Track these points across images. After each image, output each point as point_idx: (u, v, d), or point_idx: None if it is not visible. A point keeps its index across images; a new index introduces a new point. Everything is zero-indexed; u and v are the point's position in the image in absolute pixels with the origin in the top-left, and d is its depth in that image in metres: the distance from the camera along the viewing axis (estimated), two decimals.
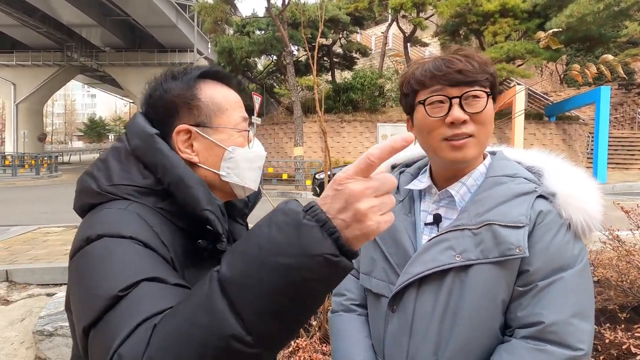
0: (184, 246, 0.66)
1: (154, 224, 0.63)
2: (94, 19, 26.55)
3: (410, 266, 0.80)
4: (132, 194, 0.66)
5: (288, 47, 15.44)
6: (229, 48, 17.39)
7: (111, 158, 0.70)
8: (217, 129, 0.73)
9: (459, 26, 17.21)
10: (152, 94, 0.75)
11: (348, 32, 20.92)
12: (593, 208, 0.76)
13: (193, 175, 0.67)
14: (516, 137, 13.04)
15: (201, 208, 0.65)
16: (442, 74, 0.77)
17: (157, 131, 0.71)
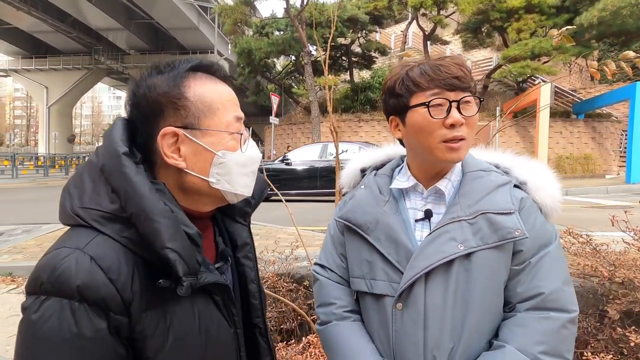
0: (146, 283, 0.61)
1: (110, 267, 0.58)
2: (120, 22, 27.45)
3: (416, 261, 0.82)
4: (99, 220, 0.61)
5: (306, 48, 15.51)
6: (248, 49, 17.60)
7: (86, 175, 0.65)
8: (207, 131, 0.66)
9: (481, 23, 16.83)
10: (135, 92, 0.67)
11: (367, 32, 20.82)
12: (557, 193, 0.88)
13: (157, 206, 0.60)
14: (540, 135, 12.65)
15: (161, 245, 0.58)
16: (442, 79, 0.81)
17: (125, 150, 0.63)
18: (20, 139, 56.71)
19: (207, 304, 0.67)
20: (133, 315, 0.59)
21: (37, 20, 26.26)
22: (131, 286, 0.59)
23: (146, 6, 26.11)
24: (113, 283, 0.58)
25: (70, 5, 25.23)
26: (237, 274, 0.80)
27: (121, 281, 0.59)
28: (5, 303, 3.42)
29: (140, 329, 0.60)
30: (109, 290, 0.57)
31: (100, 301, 0.57)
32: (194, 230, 0.63)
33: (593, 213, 6.24)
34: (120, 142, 0.64)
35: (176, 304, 0.63)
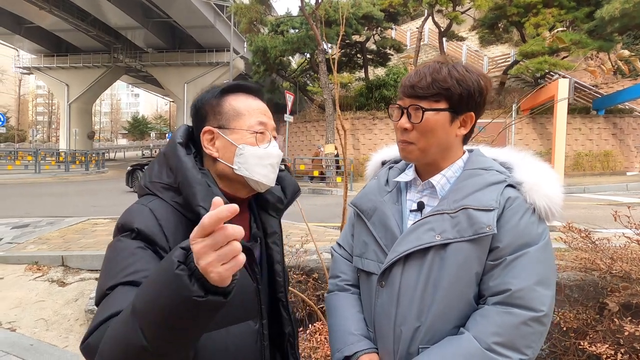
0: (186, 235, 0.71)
1: (162, 217, 0.80)
2: (138, 21, 27.91)
3: (398, 245, 0.92)
4: (160, 190, 0.84)
5: (320, 46, 15.54)
6: (264, 47, 17.70)
7: (156, 160, 0.90)
8: (234, 130, 0.87)
9: (497, 19, 16.51)
10: (194, 104, 0.93)
11: (382, 29, 20.67)
12: (554, 195, 0.89)
13: (196, 177, 0.81)
14: (558, 131, 12.37)
15: (196, 204, 0.78)
16: (403, 85, 0.93)
17: (180, 140, 0.87)
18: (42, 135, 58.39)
19: None
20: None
21: (58, 19, 26.95)
22: (174, 235, 0.79)
23: (164, 5, 26.48)
24: (162, 227, 0.79)
25: (90, 4, 25.79)
26: (266, 255, 0.97)
27: (169, 229, 0.79)
28: (32, 289, 3.62)
29: None
30: (158, 231, 0.78)
31: (150, 236, 0.77)
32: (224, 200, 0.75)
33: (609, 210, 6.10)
34: (178, 136, 0.89)
35: None
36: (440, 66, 0.91)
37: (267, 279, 0.96)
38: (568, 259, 2.27)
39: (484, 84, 0.93)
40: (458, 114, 0.92)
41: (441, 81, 0.89)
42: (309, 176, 14.48)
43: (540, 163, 0.95)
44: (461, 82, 0.90)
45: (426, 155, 0.94)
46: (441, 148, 0.94)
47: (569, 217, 2.35)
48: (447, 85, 0.89)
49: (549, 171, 0.93)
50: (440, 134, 0.91)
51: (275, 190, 0.99)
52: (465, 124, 0.94)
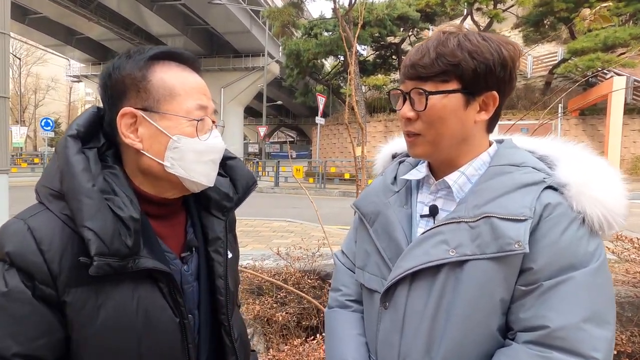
0: (76, 259, 0.62)
1: (44, 240, 0.62)
2: (178, 29, 29.18)
3: (402, 260, 0.75)
4: (47, 197, 0.66)
5: (354, 47, 15.35)
6: (297, 50, 17.80)
7: (52, 158, 0.70)
8: (165, 115, 0.67)
9: (543, 15, 15.71)
10: (104, 73, 0.70)
11: (418, 29, 20.24)
12: (613, 200, 0.68)
13: (84, 185, 0.62)
14: (611, 134, 11.43)
15: (80, 223, 0.61)
16: (403, 65, 0.75)
17: (73, 132, 0.67)
18: None
19: (151, 290, 0.67)
20: (59, 288, 0.62)
21: (105, 29, 28.70)
22: (60, 260, 0.62)
23: (202, 12, 27.46)
24: (42, 254, 0.62)
25: (134, 14, 27.22)
26: (206, 268, 0.79)
27: (51, 253, 0.62)
28: None
29: (68, 302, 0.62)
30: (36, 259, 0.61)
31: (26, 268, 0.61)
32: (127, 214, 0.63)
33: None
34: (74, 126, 0.68)
35: (114, 285, 0.64)
36: (447, 37, 0.71)
37: (206, 298, 0.78)
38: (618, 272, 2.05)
39: (507, 54, 0.72)
40: (475, 95, 0.72)
41: (448, 55, 0.70)
42: (339, 178, 14.28)
43: (594, 157, 0.74)
44: (475, 55, 0.70)
45: (438, 150, 0.76)
46: (457, 139, 0.75)
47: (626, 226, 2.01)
48: (456, 60, 0.70)
49: (605, 168, 0.72)
50: (452, 122, 0.73)
51: (221, 184, 0.79)
52: (487, 107, 0.74)
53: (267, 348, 2.33)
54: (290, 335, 2.39)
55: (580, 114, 14.90)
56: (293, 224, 5.81)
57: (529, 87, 17.75)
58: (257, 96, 33.25)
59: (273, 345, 2.35)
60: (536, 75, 18.65)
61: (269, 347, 2.32)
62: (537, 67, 18.92)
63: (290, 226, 5.62)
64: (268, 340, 2.40)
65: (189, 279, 0.75)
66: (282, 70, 27.09)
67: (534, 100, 15.26)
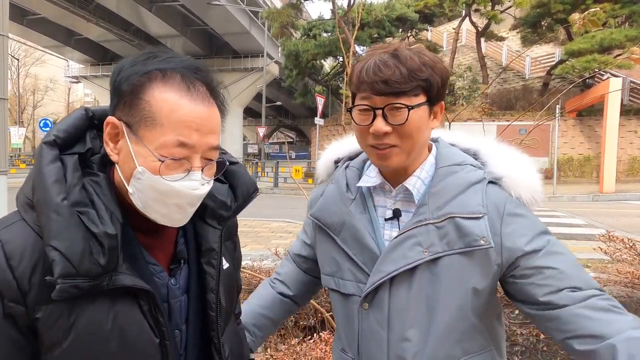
0: (49, 271, 0.57)
1: (14, 254, 0.58)
2: (177, 29, 29.17)
3: (381, 265, 0.81)
4: (24, 206, 0.62)
5: (352, 48, 15.38)
6: (296, 51, 17.83)
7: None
8: (139, 141, 0.60)
9: (541, 17, 15.77)
10: (115, 70, 0.64)
11: (417, 30, 20.30)
12: (535, 184, 0.83)
13: (53, 200, 0.57)
14: (608, 134, 11.46)
15: (46, 242, 0.56)
16: (370, 82, 0.76)
17: (50, 138, 0.62)
18: None
19: (129, 308, 0.63)
20: (29, 305, 0.58)
21: (104, 30, 28.69)
22: (30, 276, 0.58)
23: (201, 13, 27.45)
24: (12, 269, 0.58)
25: (133, 15, 27.20)
26: (197, 281, 0.73)
27: (21, 269, 0.58)
28: None
29: (38, 320, 0.58)
30: (4, 275, 0.57)
31: None
32: (101, 230, 0.58)
33: None
34: (54, 130, 0.63)
35: (88, 302, 0.59)
36: (407, 53, 0.76)
37: (196, 312, 0.73)
38: (611, 271, 2.05)
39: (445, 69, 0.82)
40: (433, 105, 0.81)
41: (417, 71, 0.76)
42: None
43: (512, 150, 0.87)
44: (436, 70, 0.78)
45: (409, 158, 0.82)
46: (421, 147, 0.83)
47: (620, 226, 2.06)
48: (424, 76, 0.76)
49: (524, 160, 0.86)
50: (424, 132, 0.81)
51: (219, 192, 0.73)
52: (437, 115, 0.83)
53: (265, 348, 2.35)
54: (288, 335, 2.41)
55: (578, 115, 14.94)
56: (292, 225, 5.83)
57: (527, 88, 17.79)
58: (257, 97, 33.19)
59: (271, 345, 2.37)
60: (534, 76, 18.70)
61: (267, 346, 2.35)
62: (535, 68, 18.97)
63: (289, 227, 5.65)
64: (266, 340, 2.44)
65: (177, 293, 0.70)
66: (282, 71, 27.09)
67: (531, 101, 15.30)
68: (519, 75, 19.25)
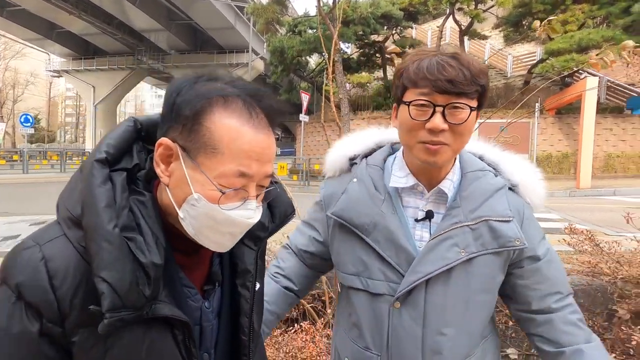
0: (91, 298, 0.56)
1: (57, 274, 0.56)
2: (161, 23, 28.68)
3: (419, 265, 0.85)
4: (66, 221, 0.59)
5: (337, 45, 15.45)
6: (281, 47, 17.78)
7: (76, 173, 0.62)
8: (197, 167, 0.57)
9: (522, 16, 16.10)
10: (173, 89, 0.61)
11: (402, 28, 20.45)
12: (542, 191, 0.93)
13: (104, 227, 0.54)
14: (585, 131, 11.81)
15: (95, 272, 0.54)
16: (433, 79, 0.78)
17: (102, 156, 0.58)
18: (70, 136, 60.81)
19: (163, 336, 0.61)
20: (67, 328, 0.56)
21: (86, 23, 27.95)
22: (72, 298, 0.56)
23: (186, 7, 27.10)
24: (54, 289, 0.55)
25: (116, 8, 26.64)
26: (229, 303, 0.72)
27: (63, 290, 0.56)
28: None
29: (74, 344, 0.57)
30: (47, 296, 0.55)
31: (35, 305, 0.55)
32: (149, 260, 0.56)
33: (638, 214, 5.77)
34: (104, 146, 0.60)
35: (124, 329, 0.58)
36: (468, 58, 0.81)
37: (226, 336, 0.71)
38: (575, 262, 2.14)
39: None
40: (478, 111, 0.85)
41: (477, 76, 0.79)
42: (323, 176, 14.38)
43: (523, 160, 0.94)
44: (487, 79, 0.83)
45: (453, 158, 0.87)
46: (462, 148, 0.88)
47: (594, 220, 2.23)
48: (482, 82, 0.81)
49: (534, 168, 0.93)
50: (470, 134, 0.85)
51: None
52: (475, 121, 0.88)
53: None
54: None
55: (557, 113, 15.32)
56: None
57: (509, 86, 18.13)
58: None
59: None
60: (516, 74, 19.05)
61: None
62: (516, 66, 19.32)
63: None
64: None
65: (210, 317, 0.68)
66: (267, 67, 26.93)
67: (513, 99, 15.62)
68: (501, 74, 19.57)
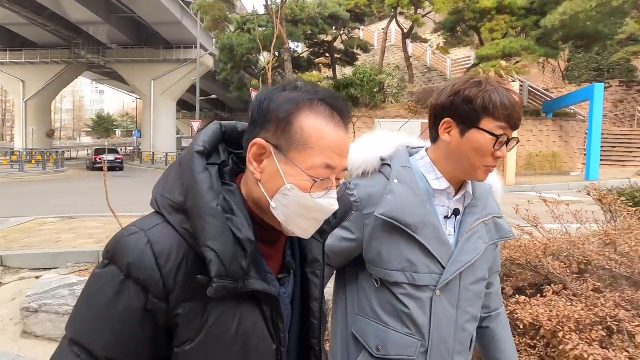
0: (192, 275, 0.64)
1: (162, 254, 0.63)
2: (100, 16, 26.93)
3: (459, 256, 1.00)
4: (167, 208, 0.67)
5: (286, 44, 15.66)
6: (230, 45, 17.65)
7: (173, 167, 0.71)
8: (290, 162, 0.67)
9: (457, 23, 17.19)
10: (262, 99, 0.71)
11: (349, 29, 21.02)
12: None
13: (209, 204, 0.63)
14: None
15: (203, 242, 0.62)
16: (514, 118, 0.94)
17: (200, 149, 0.68)
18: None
19: (252, 312, 0.68)
20: (171, 302, 0.63)
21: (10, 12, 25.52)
22: (176, 275, 0.63)
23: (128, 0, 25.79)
24: (159, 268, 0.63)
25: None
26: (300, 290, 0.80)
27: (168, 268, 0.63)
28: None
29: (175, 317, 0.64)
30: (153, 274, 0.62)
31: (142, 282, 0.62)
32: (245, 236, 0.64)
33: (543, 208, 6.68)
34: (200, 142, 0.69)
35: (218, 304, 0.65)
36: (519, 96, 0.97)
37: (297, 321, 0.79)
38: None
39: None
40: None
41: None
42: None
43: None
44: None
45: None
46: None
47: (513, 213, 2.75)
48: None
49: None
50: None
51: None
52: None
53: None
54: None
55: None
56: None
57: None
58: (191, 89, 31.84)
59: None
60: (455, 77, 20.35)
61: None
62: (455, 69, 20.62)
63: None
64: None
65: (286, 302, 0.76)
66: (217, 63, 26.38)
67: None
68: (442, 76, 20.77)
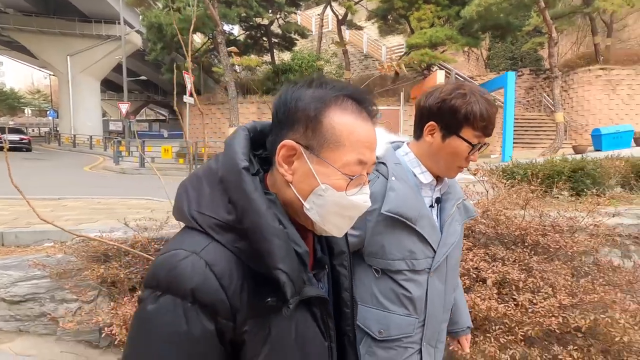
0: (253, 292, 0.63)
1: (223, 275, 0.62)
2: None
3: (447, 239, 1.15)
4: (214, 227, 0.64)
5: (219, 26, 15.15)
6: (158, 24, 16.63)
7: (205, 180, 0.68)
8: (322, 161, 0.66)
9: (388, 11, 17.71)
10: (280, 96, 0.69)
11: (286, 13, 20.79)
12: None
13: (272, 225, 0.62)
14: None
15: (273, 266, 0.61)
16: (489, 128, 1.06)
17: (246, 164, 0.65)
18: None
19: (305, 317, 0.69)
20: (238, 321, 0.63)
21: None
22: (240, 294, 0.62)
23: None
24: (224, 289, 0.61)
25: None
26: (331, 282, 0.82)
27: (232, 288, 0.62)
28: None
29: (242, 334, 0.63)
30: (219, 296, 0.61)
31: (210, 305, 0.60)
32: (303, 249, 0.65)
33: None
34: (241, 155, 0.66)
35: (277, 315, 0.65)
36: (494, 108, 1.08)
37: (333, 310, 0.82)
38: None
39: None
40: None
41: None
42: None
43: None
44: None
45: None
46: None
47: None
48: None
49: None
50: None
51: None
52: None
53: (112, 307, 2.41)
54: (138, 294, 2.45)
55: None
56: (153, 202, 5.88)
57: (383, 76, 19.96)
58: (118, 69, 29.10)
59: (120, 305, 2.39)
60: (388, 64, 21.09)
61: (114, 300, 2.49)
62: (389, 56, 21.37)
63: (150, 204, 5.58)
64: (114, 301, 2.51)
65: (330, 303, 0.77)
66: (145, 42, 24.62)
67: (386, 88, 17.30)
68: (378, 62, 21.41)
